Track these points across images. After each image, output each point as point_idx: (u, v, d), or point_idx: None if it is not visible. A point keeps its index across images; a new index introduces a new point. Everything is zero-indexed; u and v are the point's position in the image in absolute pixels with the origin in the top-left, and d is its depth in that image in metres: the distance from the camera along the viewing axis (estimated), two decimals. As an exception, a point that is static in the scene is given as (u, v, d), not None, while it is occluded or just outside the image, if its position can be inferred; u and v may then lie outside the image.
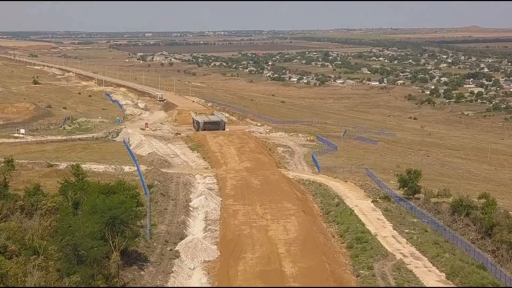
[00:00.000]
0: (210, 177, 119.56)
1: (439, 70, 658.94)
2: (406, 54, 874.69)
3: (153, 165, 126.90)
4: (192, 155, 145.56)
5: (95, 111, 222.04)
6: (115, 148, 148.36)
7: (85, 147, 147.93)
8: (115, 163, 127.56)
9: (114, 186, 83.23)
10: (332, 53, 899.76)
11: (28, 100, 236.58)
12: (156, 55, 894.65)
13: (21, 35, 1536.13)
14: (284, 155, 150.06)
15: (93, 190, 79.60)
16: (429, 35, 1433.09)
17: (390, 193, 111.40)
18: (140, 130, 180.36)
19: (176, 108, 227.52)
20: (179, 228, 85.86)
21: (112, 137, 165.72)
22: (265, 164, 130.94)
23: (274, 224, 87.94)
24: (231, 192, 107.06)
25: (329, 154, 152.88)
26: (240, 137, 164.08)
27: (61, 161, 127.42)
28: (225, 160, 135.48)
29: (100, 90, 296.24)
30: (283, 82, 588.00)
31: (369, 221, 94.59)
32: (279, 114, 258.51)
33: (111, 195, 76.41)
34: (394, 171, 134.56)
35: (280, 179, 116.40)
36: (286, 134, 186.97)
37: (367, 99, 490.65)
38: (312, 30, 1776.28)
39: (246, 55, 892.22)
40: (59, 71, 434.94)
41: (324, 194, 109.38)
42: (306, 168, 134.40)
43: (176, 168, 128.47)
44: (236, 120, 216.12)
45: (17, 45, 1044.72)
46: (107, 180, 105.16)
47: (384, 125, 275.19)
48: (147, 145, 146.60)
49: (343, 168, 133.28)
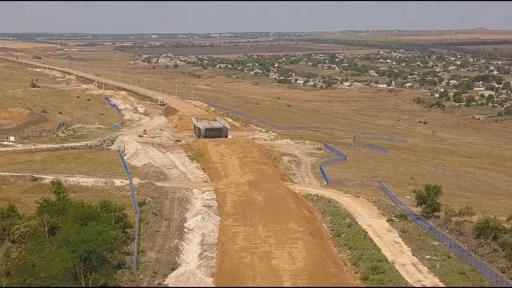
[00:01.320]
0: (209, 191, 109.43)
1: (448, 72, 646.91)
2: (413, 56, 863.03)
3: (147, 178, 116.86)
4: (191, 166, 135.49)
5: (93, 116, 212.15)
6: (109, 158, 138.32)
7: (77, 156, 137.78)
8: (106, 176, 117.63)
9: (95, 210, 73.00)
10: (338, 55, 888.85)
11: (23, 104, 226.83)
12: (161, 57, 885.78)
13: (27, 37, 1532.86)
14: (290, 165, 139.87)
15: (70, 217, 69.49)
16: (436, 37, 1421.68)
17: (407, 210, 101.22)
18: (138, 137, 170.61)
19: (177, 113, 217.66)
20: (170, 255, 75.74)
21: (107, 145, 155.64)
22: (269, 177, 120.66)
23: (278, 251, 77.78)
24: (231, 210, 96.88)
25: (338, 164, 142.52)
26: (243, 146, 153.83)
27: (48, 173, 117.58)
28: (226, 172, 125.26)
29: (99, 93, 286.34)
30: (289, 85, 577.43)
31: (385, 244, 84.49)
32: (285, 119, 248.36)
33: (90, 221, 66.37)
34: (409, 184, 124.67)
35: (285, 195, 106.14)
36: (292, 141, 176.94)
37: (375, 102, 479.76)
38: (319, 32, 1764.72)
39: (252, 57, 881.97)
40: (60, 73, 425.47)
41: (334, 212, 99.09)
42: (313, 181, 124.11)
43: (172, 181, 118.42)
44: (239, 126, 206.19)
45: (22, 47, 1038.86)
46: (94, 197, 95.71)
47: (394, 130, 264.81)
48: (142, 155, 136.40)
49: (354, 180, 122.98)
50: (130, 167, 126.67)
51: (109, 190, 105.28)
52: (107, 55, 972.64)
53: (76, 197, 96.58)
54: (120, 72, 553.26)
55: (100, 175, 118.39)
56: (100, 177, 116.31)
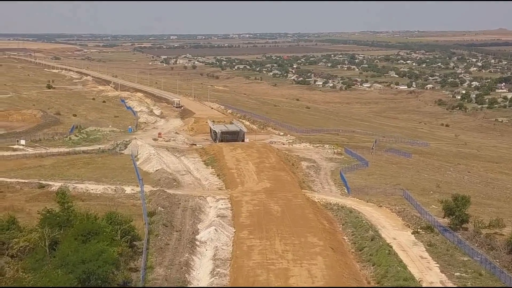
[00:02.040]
0: (223, 200, 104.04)
1: (469, 74, 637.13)
2: (434, 57, 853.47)
3: (159, 185, 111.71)
4: (206, 172, 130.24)
5: (107, 118, 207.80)
6: (121, 163, 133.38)
7: (88, 161, 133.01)
8: (117, 183, 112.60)
9: (98, 225, 67.78)
10: (358, 56, 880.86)
11: (37, 106, 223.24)
12: (180, 58, 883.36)
13: (47, 38, 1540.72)
14: (308, 171, 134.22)
15: (71, 232, 64.36)
16: (457, 38, 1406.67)
17: (433, 221, 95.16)
18: (152, 141, 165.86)
19: (193, 116, 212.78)
20: (180, 272, 70.37)
21: (119, 149, 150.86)
22: (287, 184, 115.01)
23: (296, 268, 72.17)
24: (247, 221, 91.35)
25: (360, 170, 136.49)
26: (260, 150, 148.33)
27: (56, 180, 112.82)
28: (241, 178, 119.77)
29: (115, 95, 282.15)
30: (308, 86, 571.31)
31: (411, 260, 78.66)
32: (304, 121, 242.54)
33: (93, 237, 61.20)
34: (434, 192, 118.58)
35: (304, 204, 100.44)
36: (311, 145, 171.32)
37: (395, 104, 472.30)
38: (338, 33, 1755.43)
39: (271, 57, 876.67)
40: (77, 74, 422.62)
41: (355, 224, 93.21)
42: (334, 189, 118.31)
43: (186, 188, 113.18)
44: (257, 129, 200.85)
45: (41, 48, 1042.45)
46: (103, 206, 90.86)
47: (415, 134, 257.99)
48: (155, 160, 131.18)
49: (376, 188, 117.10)
50: (142, 173, 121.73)
51: (118, 198, 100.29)
52: (126, 56, 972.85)
53: (84, 206, 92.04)
54: (138, 73, 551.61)
55: (111, 181, 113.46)
56: (110, 184, 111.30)
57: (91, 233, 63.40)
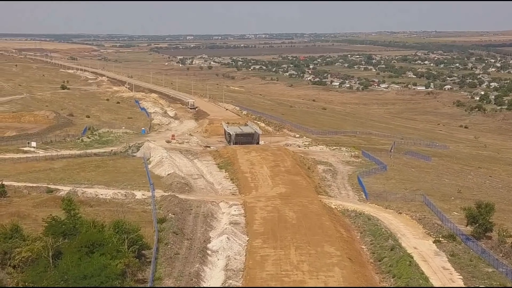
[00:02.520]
0: (236, 206, 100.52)
1: (488, 74, 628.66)
2: (452, 57, 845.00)
3: (171, 189, 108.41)
4: (219, 175, 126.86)
5: (121, 120, 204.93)
6: (133, 166, 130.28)
7: (99, 164, 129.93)
8: (127, 187, 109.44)
9: (103, 235, 64.40)
10: (375, 56, 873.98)
11: (51, 107, 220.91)
12: (196, 58, 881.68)
13: (64, 38, 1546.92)
14: (325, 175, 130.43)
15: (75, 243, 61.03)
16: (475, 38, 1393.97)
17: (455, 229, 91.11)
18: (165, 143, 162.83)
19: (207, 117, 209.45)
20: (190, 284, 66.96)
21: (132, 152, 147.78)
22: (303, 189, 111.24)
23: (312, 280, 68.47)
24: (260, 228, 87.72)
25: (378, 174, 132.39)
26: (275, 153, 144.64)
27: (66, 184, 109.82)
28: (256, 183, 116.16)
29: (130, 96, 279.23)
30: (324, 87, 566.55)
31: (433, 271, 74.79)
32: (320, 123, 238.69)
33: (98, 248, 57.84)
34: (456, 198, 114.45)
35: (320, 211, 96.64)
36: (328, 148, 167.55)
37: (413, 105, 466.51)
38: (355, 33, 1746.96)
39: (287, 58, 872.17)
40: (92, 75, 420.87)
41: (374, 232, 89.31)
42: (351, 194, 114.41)
43: (198, 193, 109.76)
44: (272, 130, 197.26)
45: (58, 48, 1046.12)
46: (112, 212, 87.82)
47: (434, 136, 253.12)
48: (167, 164, 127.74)
49: (395, 194, 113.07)
50: (154, 177, 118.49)
51: (128, 204, 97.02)
52: (142, 57, 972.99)
53: (92, 212, 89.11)
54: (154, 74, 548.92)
55: (121, 186, 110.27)
56: (121, 188, 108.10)
57: (96, 244, 60.10)
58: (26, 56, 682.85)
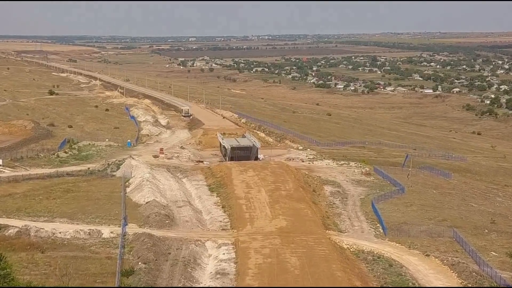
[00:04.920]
0: (226, 246, 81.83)
1: (497, 77, 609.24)
2: (458, 59, 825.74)
3: (148, 223, 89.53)
4: (210, 201, 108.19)
5: (106, 130, 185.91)
6: (109, 190, 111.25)
7: (69, 188, 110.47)
8: (95, 220, 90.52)
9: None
10: (380, 58, 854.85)
11: (32, 115, 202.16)
12: (197, 60, 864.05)
13: (66, 40, 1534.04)
14: (333, 200, 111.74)
15: None
16: (480, 39, 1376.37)
17: (496, 278, 72.60)
18: (152, 159, 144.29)
19: (201, 127, 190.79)
20: None
21: (111, 170, 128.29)
22: (308, 222, 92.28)
23: None
24: (254, 282, 69.06)
25: (395, 199, 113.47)
26: (275, 172, 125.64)
27: (21, 217, 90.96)
28: (251, 213, 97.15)
29: (120, 102, 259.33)
30: (328, 90, 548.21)
31: None
32: (325, 131, 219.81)
33: None
34: (490, 231, 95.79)
35: (329, 255, 77.69)
36: (335, 162, 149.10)
37: (421, 109, 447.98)
38: (358, 34, 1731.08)
39: (290, 60, 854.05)
40: (86, 78, 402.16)
41: (399, 285, 70.60)
42: (365, 227, 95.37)
43: (181, 227, 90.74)
44: (273, 141, 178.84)
45: (59, 50, 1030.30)
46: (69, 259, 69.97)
47: (448, 144, 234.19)
48: (148, 188, 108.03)
49: (419, 226, 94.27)
50: (131, 205, 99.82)
51: (91, 247, 78.08)
52: (143, 59, 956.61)
53: (42, 260, 70.75)
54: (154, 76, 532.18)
55: (88, 219, 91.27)
56: (87, 222, 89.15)
57: None
58: (23, 59, 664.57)
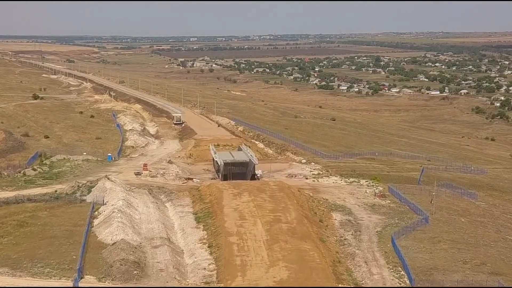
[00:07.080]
0: (209, 311, 62.64)
1: (505, 77, 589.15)
2: (464, 59, 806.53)
3: (110, 276, 70.09)
4: (194, 237, 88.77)
5: (87, 141, 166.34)
6: (72, 223, 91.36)
7: (23, 221, 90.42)
8: (44, 271, 71.05)
9: None
10: (383, 58, 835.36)
11: (7, 123, 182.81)
12: (197, 60, 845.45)
13: (67, 40, 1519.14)
14: (344, 233, 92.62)
15: None
16: (483, 39, 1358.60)
17: None
18: (134, 177, 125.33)
19: (193, 137, 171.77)
20: None
21: (81, 194, 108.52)
22: (314, 272, 72.54)
23: None
24: None
25: (419, 232, 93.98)
26: (275, 197, 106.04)
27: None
28: (244, 257, 77.35)
29: (108, 108, 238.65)
30: (331, 91, 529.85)
31: None
32: (331, 139, 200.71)
33: None
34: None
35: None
36: (343, 180, 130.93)
37: (428, 112, 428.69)
38: (361, 34, 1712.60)
39: (291, 60, 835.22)
40: (77, 81, 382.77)
41: None
42: (386, 276, 75.76)
43: (153, 280, 70.97)
44: (273, 153, 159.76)
45: (58, 50, 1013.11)
46: None
47: (463, 153, 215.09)
48: (117, 222, 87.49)
49: (452, 273, 75.05)
50: (94, 246, 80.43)
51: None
52: (143, 59, 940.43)
53: None
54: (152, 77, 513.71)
55: (35, 269, 71.74)
56: (32, 274, 69.65)
57: None
58: (17, 60, 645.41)
